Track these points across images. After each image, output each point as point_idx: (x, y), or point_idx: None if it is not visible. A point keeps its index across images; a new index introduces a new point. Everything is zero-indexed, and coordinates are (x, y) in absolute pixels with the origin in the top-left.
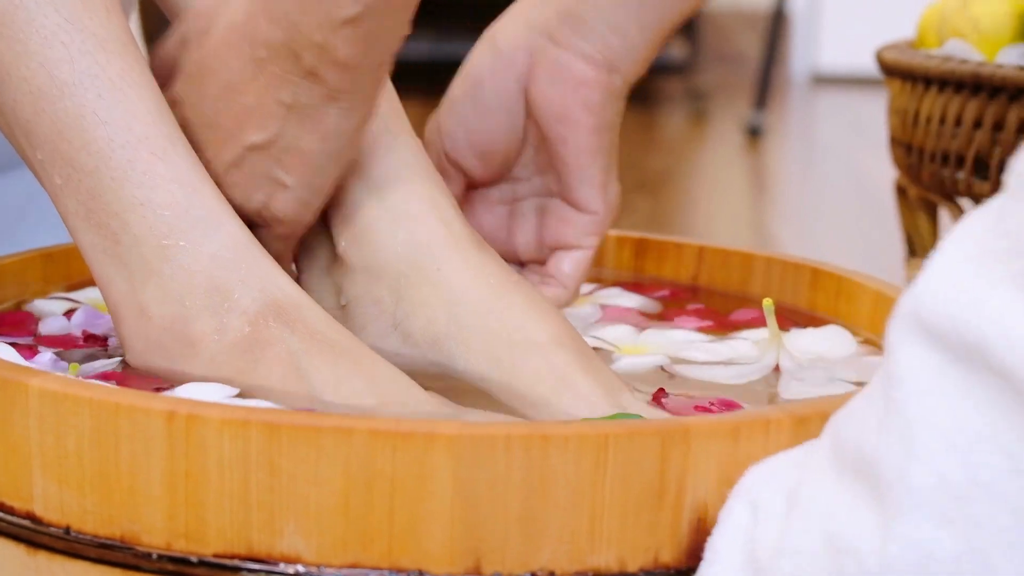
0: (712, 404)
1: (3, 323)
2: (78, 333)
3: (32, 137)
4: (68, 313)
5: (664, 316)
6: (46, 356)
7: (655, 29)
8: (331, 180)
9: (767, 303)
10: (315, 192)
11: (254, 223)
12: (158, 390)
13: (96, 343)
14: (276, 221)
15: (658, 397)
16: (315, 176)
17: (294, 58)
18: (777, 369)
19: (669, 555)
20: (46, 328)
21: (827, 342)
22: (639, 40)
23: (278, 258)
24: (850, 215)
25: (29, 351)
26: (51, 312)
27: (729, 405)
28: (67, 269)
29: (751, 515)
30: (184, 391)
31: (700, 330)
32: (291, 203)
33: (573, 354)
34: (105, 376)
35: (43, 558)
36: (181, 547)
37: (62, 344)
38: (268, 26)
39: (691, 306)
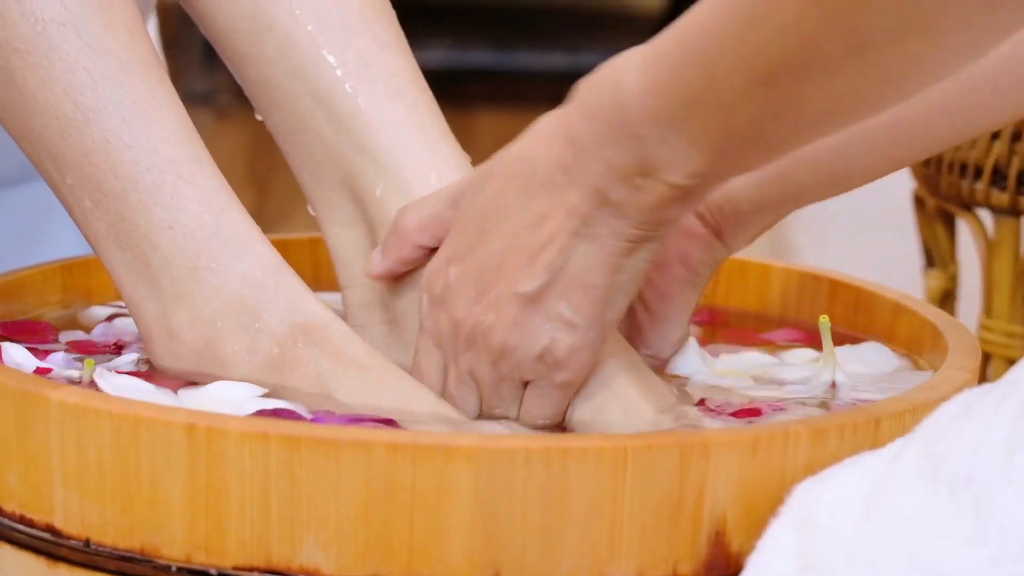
0: (748, 405)
1: (23, 331)
2: (98, 341)
3: (59, 162)
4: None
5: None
6: (59, 355)
7: (766, 209)
8: (618, 318)
9: (823, 320)
10: (601, 332)
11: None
12: (190, 384)
13: (118, 350)
14: (557, 366)
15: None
16: (604, 311)
17: (596, 191)
18: (833, 385)
19: (688, 567)
20: (66, 338)
21: (868, 358)
22: (748, 215)
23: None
24: (868, 225)
25: (43, 352)
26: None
27: (775, 408)
28: (86, 281)
29: (800, 531)
30: (214, 388)
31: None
32: (578, 344)
33: (622, 365)
34: (131, 375)
35: (63, 570)
36: (201, 559)
37: (82, 350)
38: (569, 150)
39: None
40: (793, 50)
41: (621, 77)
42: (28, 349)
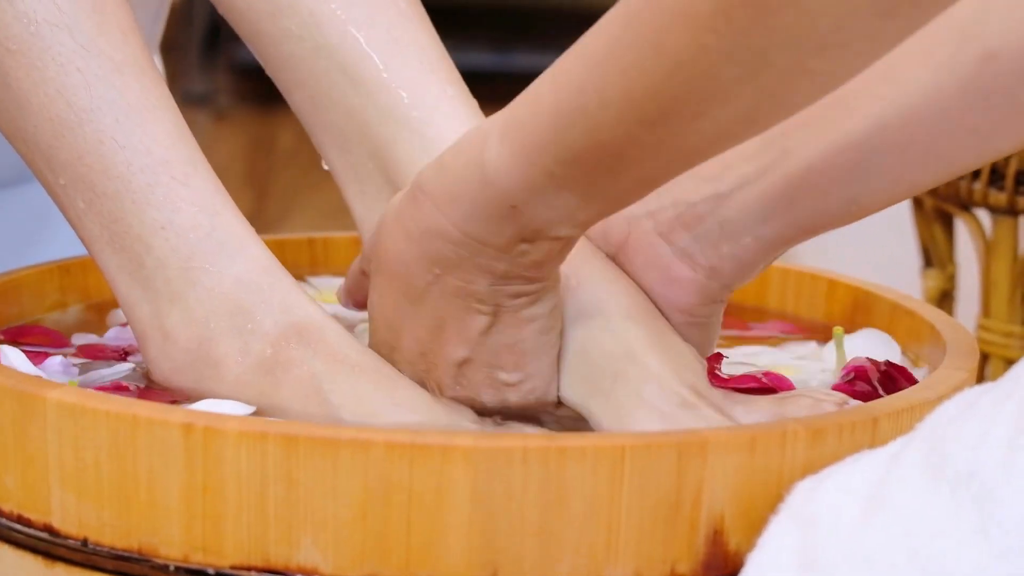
0: (762, 376)
1: (29, 334)
2: (109, 344)
3: (53, 163)
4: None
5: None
6: (56, 360)
7: (771, 245)
8: (556, 350)
9: (837, 331)
10: (545, 368)
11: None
12: (173, 403)
13: (124, 357)
14: (522, 406)
15: (714, 362)
16: (536, 358)
17: (479, 272)
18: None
19: (686, 567)
20: (79, 341)
21: (869, 346)
22: (751, 252)
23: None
24: (866, 225)
25: (39, 356)
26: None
27: (779, 380)
28: (84, 282)
29: (801, 529)
30: (200, 407)
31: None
32: (529, 392)
33: (644, 329)
34: (115, 387)
35: (61, 570)
36: (198, 559)
37: (90, 354)
38: (436, 242)
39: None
40: (690, 84)
41: (479, 155)
42: (32, 352)
